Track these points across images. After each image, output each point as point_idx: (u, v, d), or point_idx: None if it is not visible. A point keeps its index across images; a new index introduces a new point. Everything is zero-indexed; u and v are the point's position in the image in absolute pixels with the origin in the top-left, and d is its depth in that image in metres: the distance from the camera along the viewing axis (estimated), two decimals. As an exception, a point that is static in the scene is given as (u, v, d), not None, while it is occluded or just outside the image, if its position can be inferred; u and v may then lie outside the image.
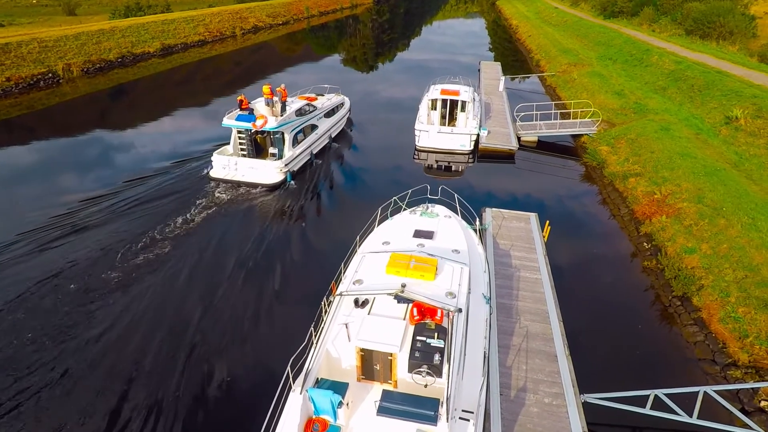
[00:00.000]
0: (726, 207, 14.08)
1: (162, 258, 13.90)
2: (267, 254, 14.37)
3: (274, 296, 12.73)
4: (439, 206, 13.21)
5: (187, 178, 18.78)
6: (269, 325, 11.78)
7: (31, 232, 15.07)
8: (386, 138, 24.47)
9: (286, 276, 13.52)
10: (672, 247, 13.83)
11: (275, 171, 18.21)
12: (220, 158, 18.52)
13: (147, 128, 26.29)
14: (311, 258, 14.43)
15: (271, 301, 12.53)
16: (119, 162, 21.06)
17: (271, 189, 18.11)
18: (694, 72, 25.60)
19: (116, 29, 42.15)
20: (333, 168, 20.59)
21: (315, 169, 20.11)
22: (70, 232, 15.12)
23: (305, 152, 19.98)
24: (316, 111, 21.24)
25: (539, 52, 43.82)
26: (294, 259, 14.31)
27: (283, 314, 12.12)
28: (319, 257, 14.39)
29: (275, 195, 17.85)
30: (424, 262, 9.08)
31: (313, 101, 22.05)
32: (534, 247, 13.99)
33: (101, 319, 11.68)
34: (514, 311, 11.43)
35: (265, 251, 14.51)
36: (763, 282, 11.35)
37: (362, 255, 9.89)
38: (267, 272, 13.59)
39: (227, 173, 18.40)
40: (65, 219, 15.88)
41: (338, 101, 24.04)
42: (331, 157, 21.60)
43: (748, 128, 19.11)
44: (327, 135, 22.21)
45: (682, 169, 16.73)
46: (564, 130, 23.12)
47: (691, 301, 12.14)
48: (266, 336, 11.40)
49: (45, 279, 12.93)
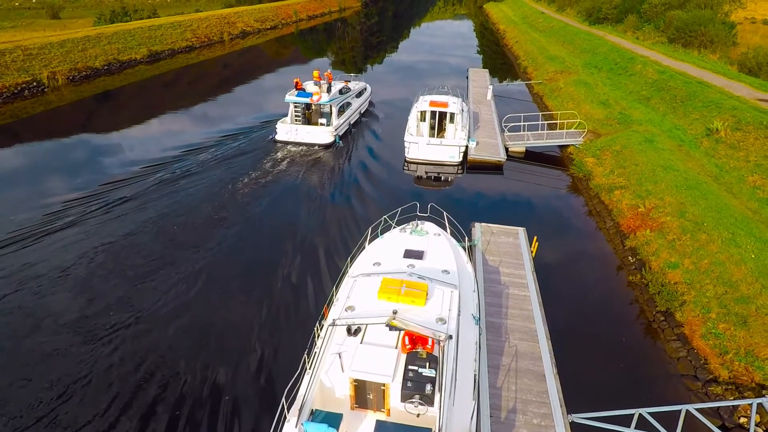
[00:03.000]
0: (707, 222, 14.49)
1: (259, 191, 19.31)
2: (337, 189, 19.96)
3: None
4: (429, 223, 13.38)
5: (257, 141, 24.75)
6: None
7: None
8: (391, 117, 30.32)
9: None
10: (656, 261, 14.20)
11: (328, 134, 24.13)
12: (283, 126, 24.33)
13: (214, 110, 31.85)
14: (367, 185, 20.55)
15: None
16: (202, 129, 26.96)
17: (325, 147, 24.08)
18: (677, 82, 26.19)
19: (102, 36, 41.68)
20: (364, 134, 27.29)
21: (353, 135, 26.59)
22: (183, 175, 20.28)
23: (345, 122, 26.00)
24: (351, 92, 27.20)
25: (526, 58, 44.36)
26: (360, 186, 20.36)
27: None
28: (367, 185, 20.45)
29: (329, 151, 23.90)
30: (414, 287, 9.24)
31: (346, 84, 27.29)
32: (522, 263, 14.25)
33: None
34: (503, 330, 11.67)
35: (336, 187, 20.12)
36: (741, 298, 11.73)
37: (354, 279, 10.02)
38: (339, 205, 18.59)
39: (289, 137, 24.25)
40: (178, 163, 21.54)
41: (363, 86, 30.07)
42: (362, 126, 28.22)
43: (728, 140, 19.64)
44: (358, 111, 28.51)
45: (665, 183, 17.16)
46: (551, 141, 23.51)
47: (674, 316, 12.50)
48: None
49: (166, 215, 17.16)
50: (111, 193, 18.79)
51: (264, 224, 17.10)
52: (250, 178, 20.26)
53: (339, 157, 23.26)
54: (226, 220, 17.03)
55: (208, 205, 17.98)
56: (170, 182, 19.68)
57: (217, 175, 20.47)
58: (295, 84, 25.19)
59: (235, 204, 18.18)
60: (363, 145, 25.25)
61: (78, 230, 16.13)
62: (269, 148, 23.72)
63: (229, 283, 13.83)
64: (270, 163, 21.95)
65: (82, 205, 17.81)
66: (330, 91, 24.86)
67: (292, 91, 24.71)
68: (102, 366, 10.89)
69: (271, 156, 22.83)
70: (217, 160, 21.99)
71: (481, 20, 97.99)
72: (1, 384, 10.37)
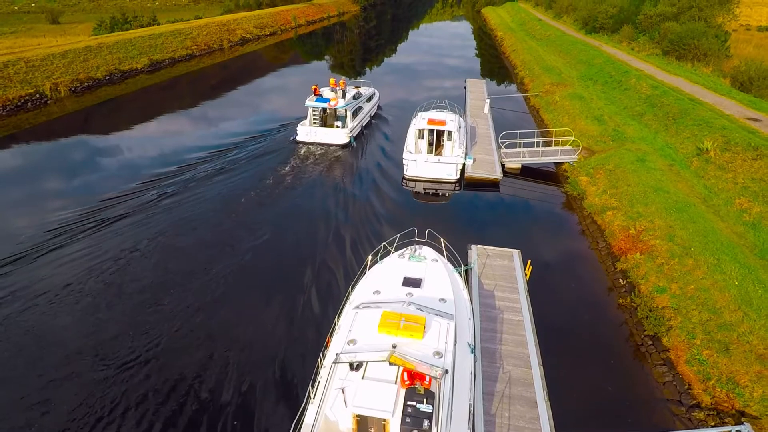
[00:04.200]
0: (694, 246, 15.06)
1: (288, 184, 22.36)
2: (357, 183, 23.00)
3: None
4: (427, 248, 13.90)
5: (282, 140, 27.72)
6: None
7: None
8: (399, 118, 32.84)
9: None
10: (645, 285, 14.77)
11: (344, 135, 26.85)
12: (303, 128, 26.99)
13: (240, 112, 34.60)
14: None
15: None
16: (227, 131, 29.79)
17: (341, 147, 26.89)
18: (670, 99, 26.78)
19: (103, 46, 42.08)
20: (375, 134, 30.19)
21: (365, 136, 29.40)
22: (217, 173, 23.07)
23: (358, 124, 28.73)
24: (362, 97, 29.86)
25: (523, 68, 44.93)
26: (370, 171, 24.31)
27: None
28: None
29: (345, 150, 26.75)
30: (413, 321, 9.77)
31: (357, 89, 29.94)
32: (516, 287, 14.80)
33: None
34: (498, 356, 12.21)
35: (355, 182, 23.06)
36: (724, 325, 12.31)
37: (355, 311, 10.55)
38: (360, 199, 21.32)
39: (309, 138, 26.97)
40: (214, 159, 24.60)
41: (372, 91, 32.88)
42: (373, 128, 31.09)
43: (717, 161, 20.23)
44: (368, 114, 31.23)
45: (656, 205, 17.73)
46: (546, 158, 24.06)
47: (661, 341, 13.06)
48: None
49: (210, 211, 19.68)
50: (149, 191, 21.29)
51: (300, 213, 20.05)
52: (281, 174, 23.24)
53: (355, 156, 26.33)
54: (269, 206, 20.35)
55: (252, 191, 21.32)
56: (205, 179, 22.58)
57: (251, 170, 23.50)
58: (313, 90, 27.74)
59: (273, 195, 21.33)
60: (375, 145, 28.32)
61: (130, 220, 18.79)
62: (293, 148, 26.64)
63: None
64: (296, 161, 25.02)
65: (133, 199, 20.52)
66: (345, 97, 27.70)
67: (311, 97, 27.26)
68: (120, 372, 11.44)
69: (296, 154, 25.86)
70: (248, 159, 24.97)
71: (479, 24, 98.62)
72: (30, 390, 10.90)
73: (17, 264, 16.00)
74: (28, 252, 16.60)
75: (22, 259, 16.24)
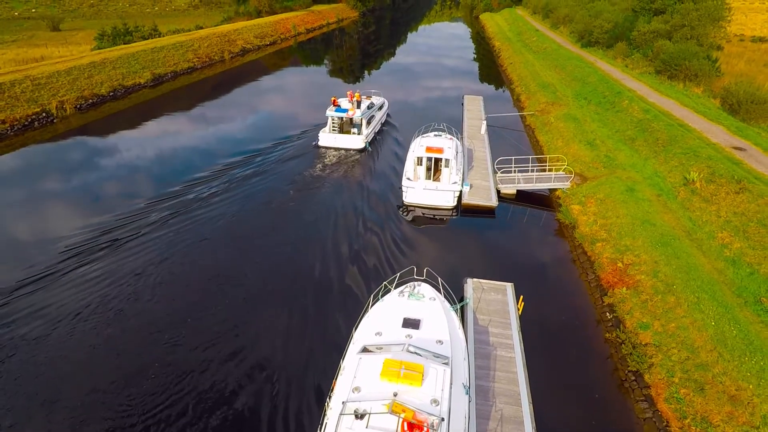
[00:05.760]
0: (676, 284, 16.00)
1: (319, 179, 26.90)
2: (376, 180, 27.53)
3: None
4: (425, 286, 14.85)
5: (306, 144, 31.90)
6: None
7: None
8: (406, 123, 37.00)
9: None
10: (630, 321, 15.70)
11: (360, 141, 31.09)
12: (324, 135, 31.27)
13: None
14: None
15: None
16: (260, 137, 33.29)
17: (358, 151, 31.09)
18: (660, 124, 27.71)
19: (107, 61, 42.76)
20: (386, 140, 34.32)
21: (378, 141, 33.59)
22: (255, 174, 27.02)
23: (372, 131, 32.81)
24: (375, 106, 34.02)
25: (520, 84, 45.81)
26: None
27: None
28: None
29: (361, 154, 30.90)
30: (412, 369, 10.70)
31: (368, 99, 33.97)
32: (509, 322, 15.71)
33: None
34: (491, 394, 13.13)
35: (374, 180, 27.55)
36: (701, 365, 13.25)
37: (359, 357, 11.45)
38: (378, 195, 25.66)
39: (329, 143, 31.22)
40: (243, 166, 28.08)
41: (382, 101, 36.88)
42: (384, 134, 35.13)
43: (703, 193, 21.17)
44: (380, 122, 35.15)
45: (642, 238, 18.67)
46: (540, 185, 24.97)
47: (643, 377, 14.00)
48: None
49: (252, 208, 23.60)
50: (195, 189, 24.94)
51: (330, 207, 23.83)
52: (312, 174, 27.45)
53: (371, 159, 30.52)
54: (301, 201, 24.33)
55: (288, 187, 25.59)
56: (244, 179, 26.34)
57: (284, 170, 27.63)
58: (332, 102, 31.84)
59: (306, 190, 25.41)
60: (387, 149, 32.46)
61: (180, 219, 21.88)
62: (316, 152, 30.87)
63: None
64: (321, 164, 29.08)
65: (178, 198, 23.89)
66: (360, 107, 31.71)
67: (331, 107, 31.50)
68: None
69: (321, 158, 29.99)
70: (280, 161, 28.97)
71: (477, 29, 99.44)
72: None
73: (51, 279, 17.64)
74: (53, 270, 18.12)
75: (64, 273, 18.14)
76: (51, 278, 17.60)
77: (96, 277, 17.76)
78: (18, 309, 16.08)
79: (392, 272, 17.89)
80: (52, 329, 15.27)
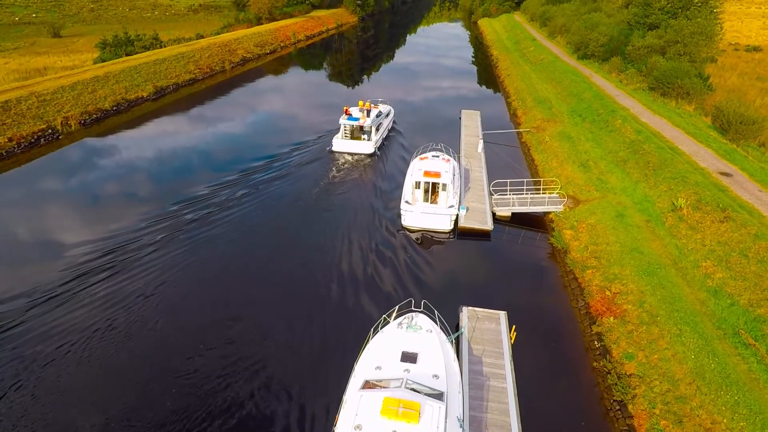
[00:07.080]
0: (660, 315, 16.88)
1: (339, 179, 30.88)
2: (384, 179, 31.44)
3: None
4: (422, 317, 15.74)
5: (320, 149, 35.46)
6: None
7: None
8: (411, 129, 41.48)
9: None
10: (616, 350, 16.59)
11: (371, 146, 34.65)
12: (337, 140, 34.90)
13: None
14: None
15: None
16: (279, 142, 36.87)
17: (369, 156, 34.70)
18: (651, 146, 28.57)
19: (110, 75, 43.41)
20: (393, 145, 37.81)
21: (386, 146, 37.06)
22: (276, 178, 30.47)
23: (380, 137, 36.43)
24: (382, 114, 37.86)
25: (517, 97, 46.65)
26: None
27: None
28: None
29: (372, 158, 34.57)
30: (409, 407, 11.57)
31: (376, 108, 37.18)
32: (502, 352, 16.58)
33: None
34: (483, 425, 14.00)
35: (385, 180, 31.31)
36: (680, 397, 14.15)
37: (360, 394, 12.31)
38: (389, 193, 29.25)
39: (342, 148, 34.78)
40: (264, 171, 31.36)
41: (389, 109, 40.66)
42: (391, 140, 38.59)
43: (689, 220, 22.05)
44: (387, 128, 38.76)
45: (630, 267, 19.54)
46: (534, 208, 25.84)
47: (627, 407, 14.88)
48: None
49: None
50: (223, 190, 28.26)
51: (348, 206, 27.31)
52: (331, 175, 31.19)
53: (380, 162, 34.24)
54: (324, 200, 27.87)
55: (313, 188, 29.12)
56: (266, 182, 29.74)
57: (305, 173, 31.32)
58: (344, 111, 35.27)
59: (326, 191, 28.95)
60: (394, 153, 35.95)
61: (201, 223, 24.58)
62: (332, 157, 34.37)
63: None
64: (336, 166, 32.83)
65: (202, 203, 26.71)
66: (370, 116, 35.12)
67: (344, 116, 35.02)
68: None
69: (336, 161, 33.74)
70: (299, 165, 32.59)
71: (475, 34, 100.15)
72: None
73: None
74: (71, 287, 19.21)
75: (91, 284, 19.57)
76: (71, 290, 19.34)
77: (106, 294, 19.13)
78: (33, 327, 17.29)
79: (395, 293, 19.59)
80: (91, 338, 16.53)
